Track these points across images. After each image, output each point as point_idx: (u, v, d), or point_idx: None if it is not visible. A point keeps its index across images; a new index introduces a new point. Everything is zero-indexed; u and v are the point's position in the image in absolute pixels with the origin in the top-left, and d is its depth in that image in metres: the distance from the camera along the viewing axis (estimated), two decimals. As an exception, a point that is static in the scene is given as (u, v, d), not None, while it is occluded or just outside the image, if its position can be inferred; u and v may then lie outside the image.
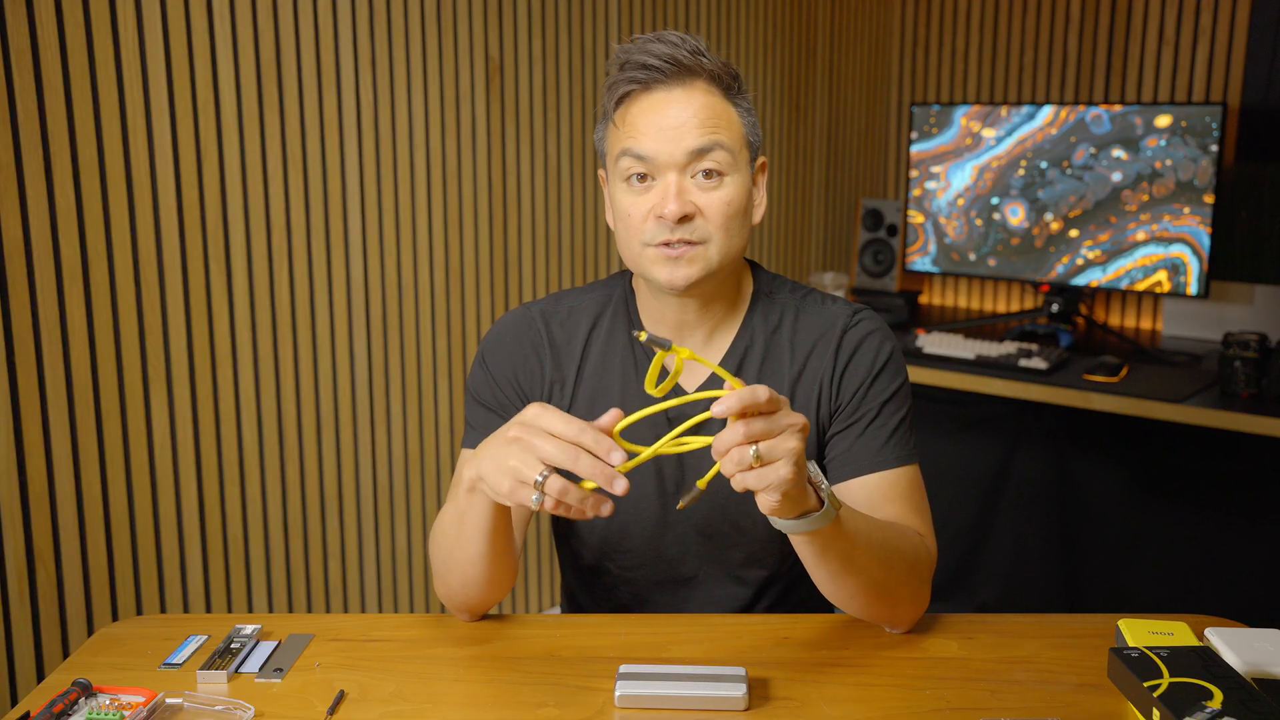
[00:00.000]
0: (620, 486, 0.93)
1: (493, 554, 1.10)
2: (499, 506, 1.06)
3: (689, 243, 1.14)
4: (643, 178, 1.15)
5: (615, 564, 1.28)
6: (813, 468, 1.02)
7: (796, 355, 1.24)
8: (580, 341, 1.27)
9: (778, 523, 1.01)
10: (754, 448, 0.92)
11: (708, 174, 1.14)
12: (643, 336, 0.95)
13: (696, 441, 0.98)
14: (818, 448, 1.24)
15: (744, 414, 0.92)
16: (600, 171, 1.25)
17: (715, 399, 0.92)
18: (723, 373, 0.96)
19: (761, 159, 1.22)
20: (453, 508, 1.12)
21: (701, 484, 0.99)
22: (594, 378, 1.26)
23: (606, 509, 0.96)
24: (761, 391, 0.92)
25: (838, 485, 1.21)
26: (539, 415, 0.96)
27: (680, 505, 1.00)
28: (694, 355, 0.97)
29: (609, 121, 1.19)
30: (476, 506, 1.07)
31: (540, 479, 0.93)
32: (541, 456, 0.94)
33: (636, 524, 1.25)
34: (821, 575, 1.09)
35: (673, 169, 1.14)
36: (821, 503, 1.00)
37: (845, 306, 1.26)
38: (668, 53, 1.14)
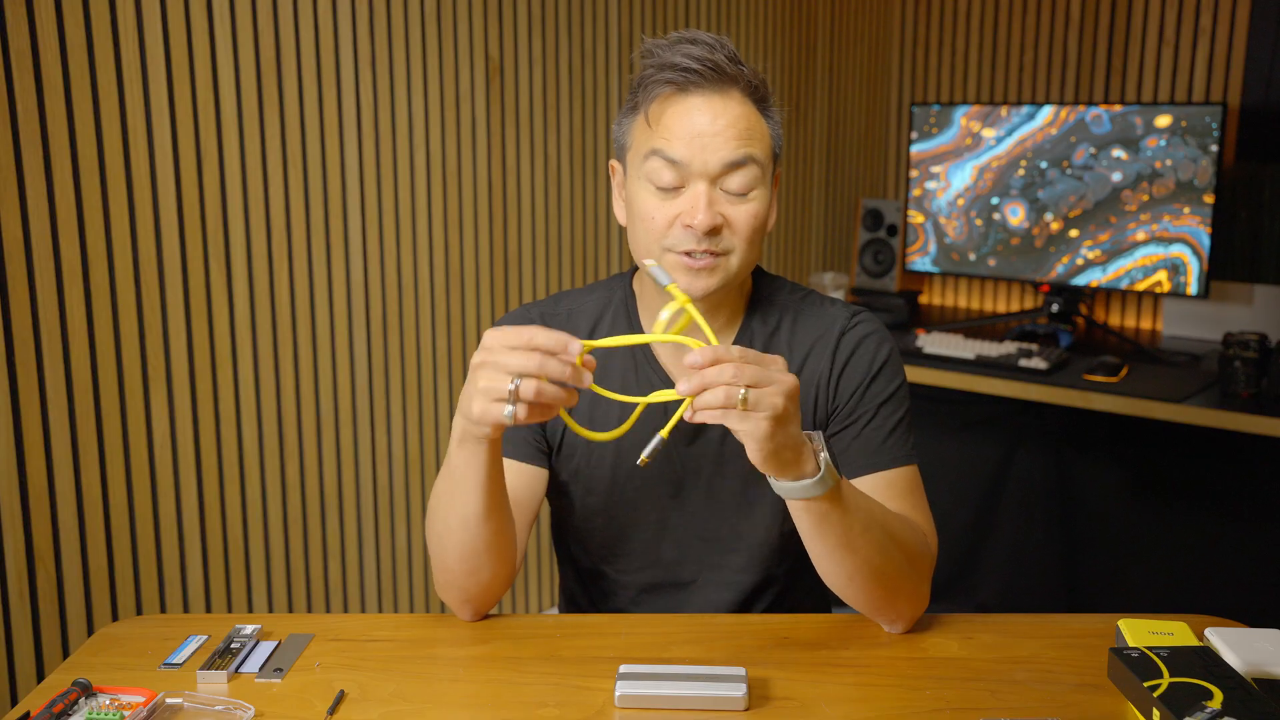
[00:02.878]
0: (586, 380, 0.97)
1: (488, 516, 1.08)
2: (491, 457, 1.05)
3: (713, 254, 1.13)
4: (670, 182, 1.13)
5: (613, 568, 1.28)
6: (818, 437, 1.02)
7: (794, 357, 1.23)
8: (580, 343, 1.26)
9: (776, 485, 1.02)
10: (743, 391, 0.93)
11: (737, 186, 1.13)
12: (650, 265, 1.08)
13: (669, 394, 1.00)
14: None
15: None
16: (613, 163, 1.23)
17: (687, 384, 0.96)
18: (707, 328, 1.01)
19: (777, 170, 1.20)
20: (446, 470, 1.10)
21: (664, 433, 1.01)
22: (594, 380, 1.25)
23: (573, 399, 0.98)
24: (734, 349, 0.95)
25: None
26: (493, 334, 0.98)
27: (641, 461, 1.01)
28: (688, 302, 1.01)
29: (637, 117, 1.16)
30: (467, 456, 1.05)
31: (512, 387, 0.95)
32: (507, 369, 0.96)
33: (635, 528, 1.25)
34: (819, 550, 1.08)
35: (704, 178, 1.12)
36: (819, 468, 1.01)
37: (843, 308, 1.26)
38: (707, 57, 1.12)
